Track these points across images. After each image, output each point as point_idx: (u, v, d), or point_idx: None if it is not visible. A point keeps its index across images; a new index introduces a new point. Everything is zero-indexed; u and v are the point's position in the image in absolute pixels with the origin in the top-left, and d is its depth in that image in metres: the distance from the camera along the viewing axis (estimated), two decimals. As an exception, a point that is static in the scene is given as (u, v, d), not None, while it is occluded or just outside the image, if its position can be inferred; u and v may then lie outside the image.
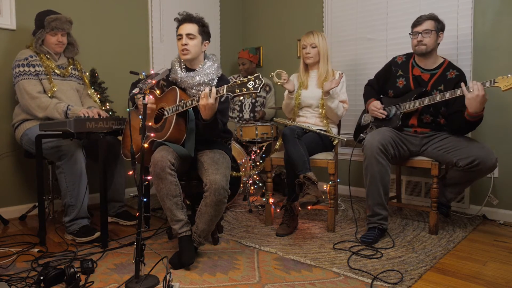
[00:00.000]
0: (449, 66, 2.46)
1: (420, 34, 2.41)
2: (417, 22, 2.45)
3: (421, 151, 2.44)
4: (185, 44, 2.16)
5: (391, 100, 2.57)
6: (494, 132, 2.73)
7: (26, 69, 2.45)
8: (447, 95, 2.21)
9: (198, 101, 1.99)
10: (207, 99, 1.90)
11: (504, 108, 2.69)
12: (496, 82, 2.04)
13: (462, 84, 2.13)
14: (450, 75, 2.41)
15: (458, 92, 2.16)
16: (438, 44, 2.46)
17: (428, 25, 2.40)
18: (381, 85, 2.70)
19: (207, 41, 2.26)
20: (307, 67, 2.80)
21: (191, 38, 2.17)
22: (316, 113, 2.73)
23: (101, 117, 2.39)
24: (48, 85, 2.48)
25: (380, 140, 2.26)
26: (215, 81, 2.22)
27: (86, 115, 2.35)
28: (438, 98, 2.26)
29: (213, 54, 2.32)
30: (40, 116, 2.43)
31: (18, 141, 2.56)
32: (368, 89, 2.77)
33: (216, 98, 1.91)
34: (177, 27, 2.23)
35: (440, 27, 2.43)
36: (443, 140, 2.36)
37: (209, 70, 2.20)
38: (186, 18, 2.20)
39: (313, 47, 2.69)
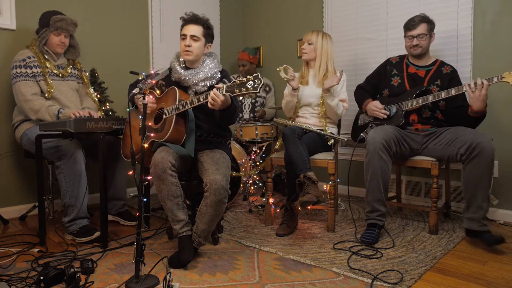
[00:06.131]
0: (442, 63, 2.55)
1: (415, 38, 2.48)
2: (411, 26, 2.49)
3: (422, 148, 2.45)
4: (189, 46, 2.16)
5: (389, 99, 2.57)
6: (494, 131, 2.72)
7: (23, 70, 2.44)
8: (453, 91, 2.24)
9: (198, 102, 1.99)
10: (219, 99, 1.88)
11: (504, 107, 2.69)
12: (503, 77, 2.07)
13: (466, 84, 2.18)
14: (446, 70, 2.50)
15: (463, 89, 2.20)
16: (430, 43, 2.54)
17: (422, 29, 2.46)
18: (374, 86, 2.74)
19: (210, 43, 2.26)
20: (307, 65, 2.84)
21: (195, 40, 2.17)
22: (316, 112, 2.73)
23: (92, 117, 2.37)
24: (45, 86, 2.48)
25: (383, 136, 2.27)
26: (218, 74, 2.23)
27: (78, 116, 2.32)
28: (443, 95, 2.27)
29: (211, 52, 2.33)
30: (33, 119, 2.43)
31: (18, 141, 2.56)
32: (361, 91, 2.78)
33: (222, 94, 1.89)
34: (182, 26, 2.22)
35: (432, 27, 2.49)
36: (441, 134, 2.38)
37: (210, 65, 2.21)
38: (192, 19, 2.20)
39: (309, 44, 2.73)
